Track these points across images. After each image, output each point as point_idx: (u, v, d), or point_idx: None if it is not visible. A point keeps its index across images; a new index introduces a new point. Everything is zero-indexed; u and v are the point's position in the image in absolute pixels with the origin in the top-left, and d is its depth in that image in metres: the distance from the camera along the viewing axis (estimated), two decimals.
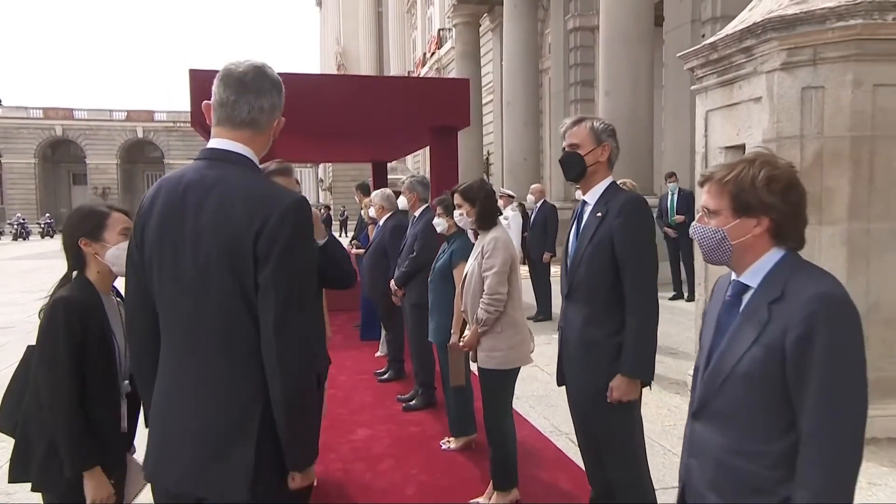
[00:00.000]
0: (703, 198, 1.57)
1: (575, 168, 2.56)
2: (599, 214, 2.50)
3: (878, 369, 4.03)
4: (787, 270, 1.45)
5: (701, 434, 1.53)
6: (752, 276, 1.49)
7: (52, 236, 38.86)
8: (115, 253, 2.04)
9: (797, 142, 4.06)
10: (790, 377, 1.35)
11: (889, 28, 3.79)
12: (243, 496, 1.48)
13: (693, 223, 1.59)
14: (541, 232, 8.64)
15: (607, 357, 2.46)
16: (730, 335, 1.48)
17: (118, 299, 2.14)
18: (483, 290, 3.21)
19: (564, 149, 2.61)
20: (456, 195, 3.48)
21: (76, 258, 2.09)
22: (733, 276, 1.55)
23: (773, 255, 1.48)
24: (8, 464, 2.06)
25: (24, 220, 39.47)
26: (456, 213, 3.53)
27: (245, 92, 1.61)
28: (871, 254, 4.00)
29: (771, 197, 1.45)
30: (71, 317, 1.93)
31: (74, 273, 2.10)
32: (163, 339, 1.62)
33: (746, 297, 1.49)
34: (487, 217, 3.38)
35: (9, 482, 2.05)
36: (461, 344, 3.38)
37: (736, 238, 1.48)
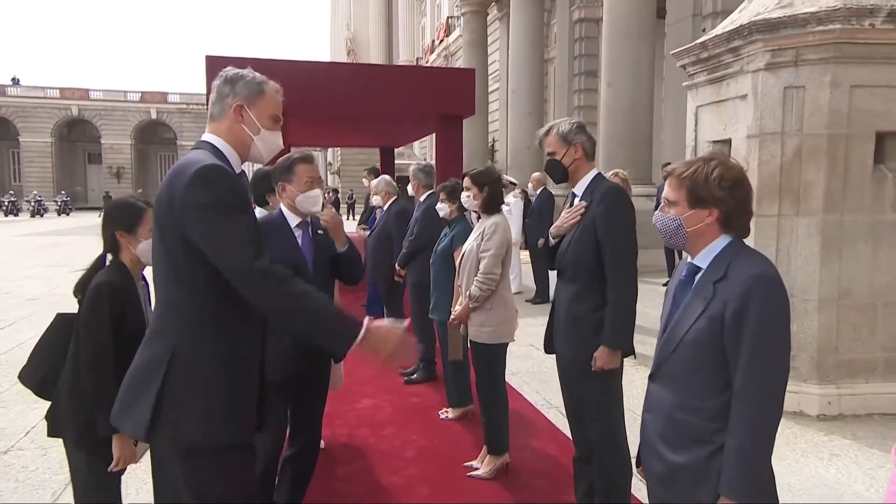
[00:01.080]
0: (665, 190, 1.78)
1: (557, 172, 2.80)
2: (585, 204, 2.72)
3: (848, 351, 4.27)
4: (731, 254, 1.66)
5: (655, 393, 1.76)
6: (703, 258, 1.70)
7: (67, 214, 39.25)
8: (144, 247, 2.28)
9: (778, 138, 4.24)
10: (728, 344, 1.57)
11: (865, 33, 3.96)
12: (142, 437, 1.71)
13: (655, 212, 1.80)
14: (538, 219, 8.84)
15: (591, 330, 2.67)
16: (682, 309, 1.70)
17: (143, 283, 2.39)
18: (479, 269, 3.43)
19: (546, 156, 2.85)
20: (466, 178, 3.67)
21: (112, 244, 2.31)
22: (689, 259, 1.77)
23: (721, 241, 1.69)
24: (46, 421, 2.30)
25: (40, 197, 39.76)
26: (464, 194, 3.71)
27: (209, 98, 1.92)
28: (843, 244, 4.19)
29: (721, 192, 1.65)
30: (114, 299, 2.17)
31: (109, 257, 2.33)
32: None
33: (698, 277, 1.70)
34: (492, 203, 3.59)
35: (48, 436, 2.29)
36: (451, 317, 3.60)
37: (691, 226, 1.69)
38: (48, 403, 2.31)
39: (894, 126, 4.17)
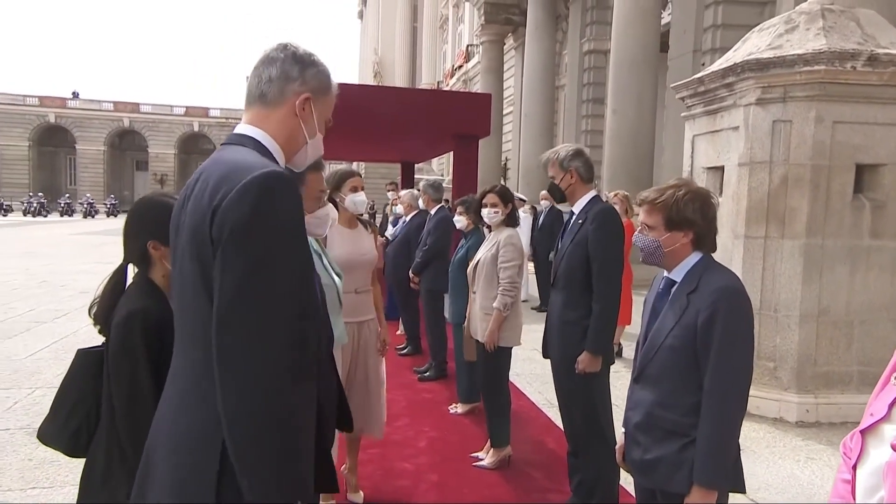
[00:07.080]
0: (641, 216, 1.86)
1: (557, 194, 2.95)
2: (580, 221, 2.81)
3: (826, 364, 4.29)
4: (702, 269, 1.75)
5: (638, 393, 1.84)
6: (678, 273, 1.79)
7: (115, 215, 39.84)
8: None
9: (767, 166, 4.30)
10: (699, 348, 1.66)
11: (847, 74, 4.01)
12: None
13: (636, 233, 1.88)
14: (548, 234, 8.89)
15: (579, 335, 2.75)
16: (660, 318, 1.79)
17: None
18: (495, 276, 3.49)
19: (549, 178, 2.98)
20: (492, 195, 3.63)
21: (142, 257, 1.71)
22: (665, 274, 1.85)
23: (693, 258, 1.78)
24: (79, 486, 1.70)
25: (92, 200, 40.66)
26: (490, 210, 3.63)
27: (256, 67, 1.35)
28: (823, 265, 4.23)
29: (693, 215, 1.74)
30: (149, 332, 1.56)
31: (133, 271, 1.74)
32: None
33: (673, 289, 1.79)
34: (514, 215, 3.68)
35: None
36: (487, 340, 3.43)
37: (668, 246, 1.78)
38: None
39: (872, 159, 4.20)
